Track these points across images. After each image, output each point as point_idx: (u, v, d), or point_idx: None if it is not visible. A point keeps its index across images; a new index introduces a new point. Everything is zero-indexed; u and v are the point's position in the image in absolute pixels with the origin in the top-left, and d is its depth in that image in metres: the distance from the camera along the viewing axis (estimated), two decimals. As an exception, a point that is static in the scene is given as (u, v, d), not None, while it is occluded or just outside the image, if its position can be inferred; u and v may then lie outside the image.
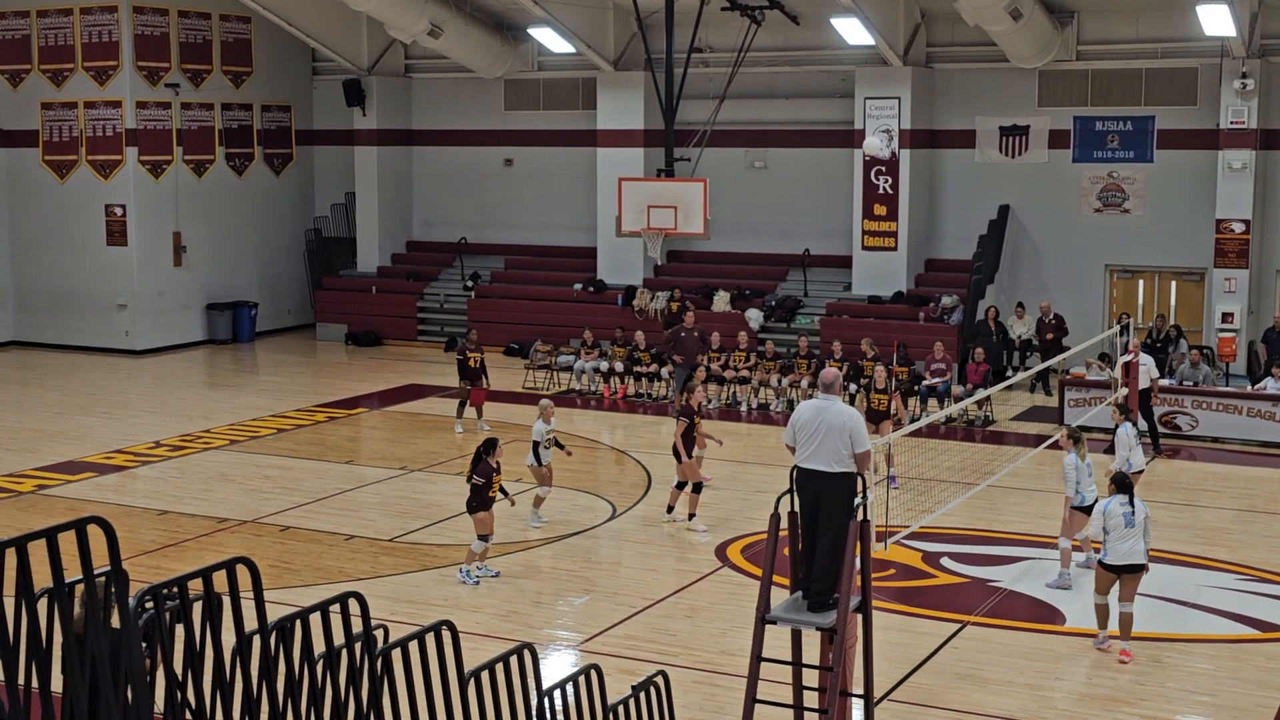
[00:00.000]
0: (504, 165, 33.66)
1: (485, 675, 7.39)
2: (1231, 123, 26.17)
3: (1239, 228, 26.46)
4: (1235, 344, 26.28)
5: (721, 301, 29.62)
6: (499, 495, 15.27)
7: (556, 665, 12.44)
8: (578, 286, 31.40)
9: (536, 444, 17.03)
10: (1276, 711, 11.66)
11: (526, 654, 7.83)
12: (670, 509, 17.43)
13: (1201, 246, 27.00)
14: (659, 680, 9.50)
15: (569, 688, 8.35)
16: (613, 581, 15.54)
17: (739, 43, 26.62)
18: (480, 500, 15.03)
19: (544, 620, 14.05)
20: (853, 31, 27.74)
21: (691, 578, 15.30)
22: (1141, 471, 16.73)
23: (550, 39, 30.83)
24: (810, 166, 30.39)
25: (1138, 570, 12.85)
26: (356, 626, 6.45)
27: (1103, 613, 13.08)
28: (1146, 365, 20.87)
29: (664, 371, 25.79)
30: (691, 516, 17.09)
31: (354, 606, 6.44)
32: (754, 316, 28.83)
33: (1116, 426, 16.71)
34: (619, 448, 21.82)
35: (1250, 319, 26.66)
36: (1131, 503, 12.91)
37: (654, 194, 25.34)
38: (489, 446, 15.19)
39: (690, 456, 17.27)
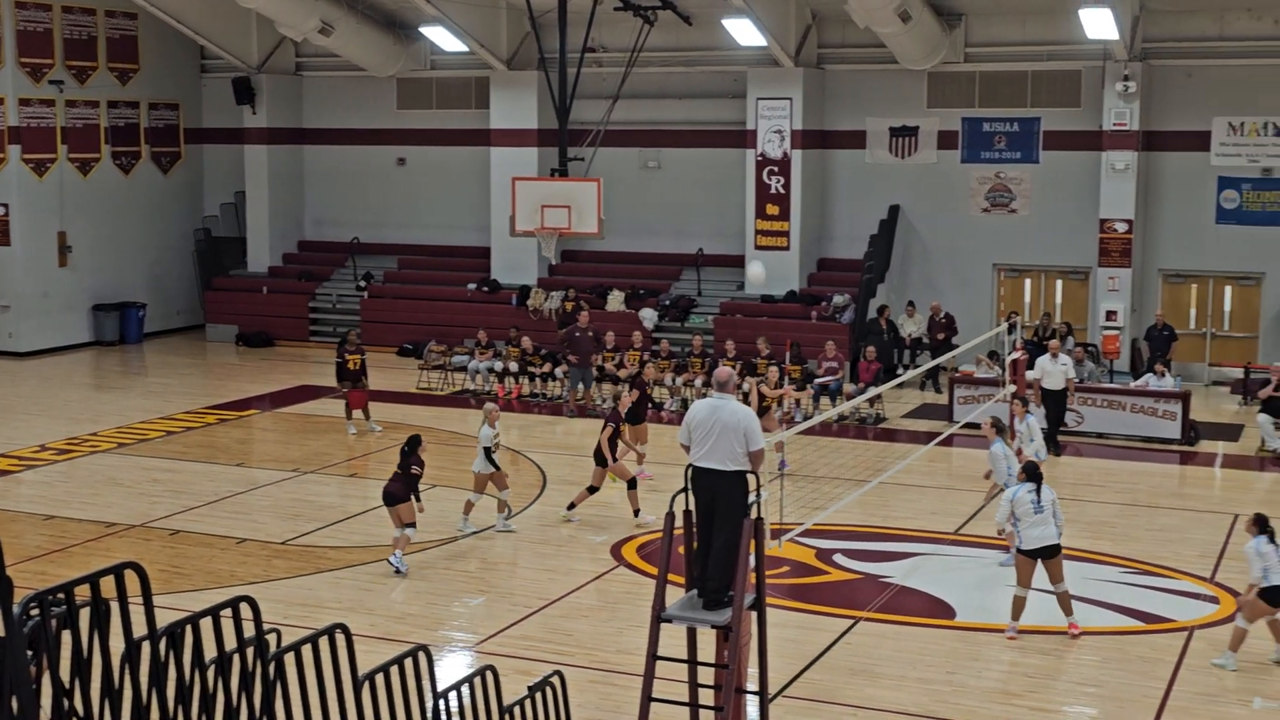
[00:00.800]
0: (397, 164, 33.45)
1: (380, 678, 7.36)
2: (1114, 124, 26.74)
3: (1122, 227, 27.03)
4: (1119, 341, 26.85)
5: (616, 301, 29.67)
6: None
7: (452, 667, 12.39)
8: (471, 286, 31.28)
9: (487, 449, 16.90)
10: (1160, 700, 11.93)
11: (421, 656, 7.80)
12: (572, 505, 17.56)
13: (1086, 246, 27.54)
14: (555, 680, 9.50)
15: (465, 689, 8.33)
16: (508, 582, 15.51)
17: (632, 43, 26.68)
18: (409, 491, 15.49)
19: (439, 621, 13.98)
20: (744, 32, 27.93)
21: (587, 577, 15.32)
22: (1043, 462, 17.20)
23: (443, 38, 30.68)
24: (704, 166, 30.55)
25: (1055, 552, 13.38)
26: (249, 631, 6.38)
27: (1019, 605, 13.38)
28: (1066, 365, 21.17)
29: (558, 371, 25.77)
30: (637, 512, 17.28)
31: (246, 611, 6.37)
32: (648, 316, 28.91)
33: (1013, 419, 17.07)
34: (514, 448, 21.77)
35: (1133, 317, 27.25)
36: (1038, 490, 13.37)
37: (548, 194, 25.29)
38: (415, 443, 15.67)
39: (615, 460, 17.39)
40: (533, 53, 29.57)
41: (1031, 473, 13.70)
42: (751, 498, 10.06)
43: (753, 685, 10.26)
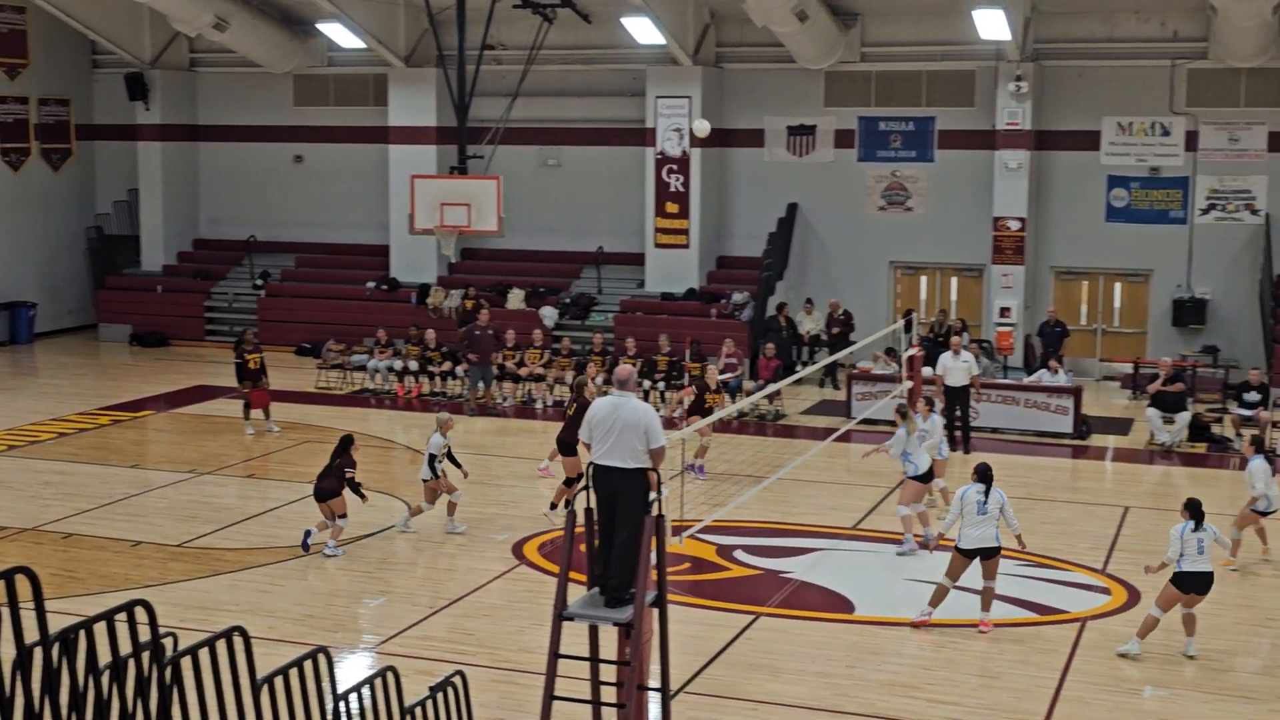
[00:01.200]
0: (294, 162, 33.11)
1: (279, 681, 7.29)
2: (1007, 124, 27.17)
3: (1015, 225, 27.47)
4: (1013, 338, 27.27)
5: (516, 299, 29.61)
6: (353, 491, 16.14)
7: (352, 668, 12.30)
8: (370, 285, 31.06)
9: (433, 457, 16.74)
10: (1054, 690, 12.15)
11: (321, 658, 7.74)
12: (553, 505, 17.68)
13: (980, 243, 27.95)
14: (457, 680, 9.47)
15: (365, 690, 8.28)
16: (409, 582, 15.43)
17: (531, 40, 26.64)
18: (343, 488, 16.15)
19: (339, 623, 13.88)
20: (643, 31, 28.00)
21: (489, 576, 15.28)
22: (944, 460, 17.54)
23: (340, 34, 30.41)
24: (603, 165, 30.59)
25: (992, 554, 13.54)
26: (144, 635, 6.29)
27: (941, 594, 13.54)
28: (969, 362, 21.42)
29: (459, 370, 25.67)
30: (556, 505, 17.50)
31: (141, 615, 6.28)
32: (548, 314, 28.89)
33: (912, 417, 17.34)
34: (414, 447, 21.65)
35: (1026, 313, 27.70)
36: (987, 492, 13.59)
37: (447, 191, 25.18)
38: (347, 443, 16.28)
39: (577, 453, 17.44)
40: (431, 50, 29.42)
41: (983, 474, 13.79)
42: (653, 495, 10.10)
43: (654, 682, 10.31)
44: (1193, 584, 12.77)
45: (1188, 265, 27.30)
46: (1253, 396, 22.14)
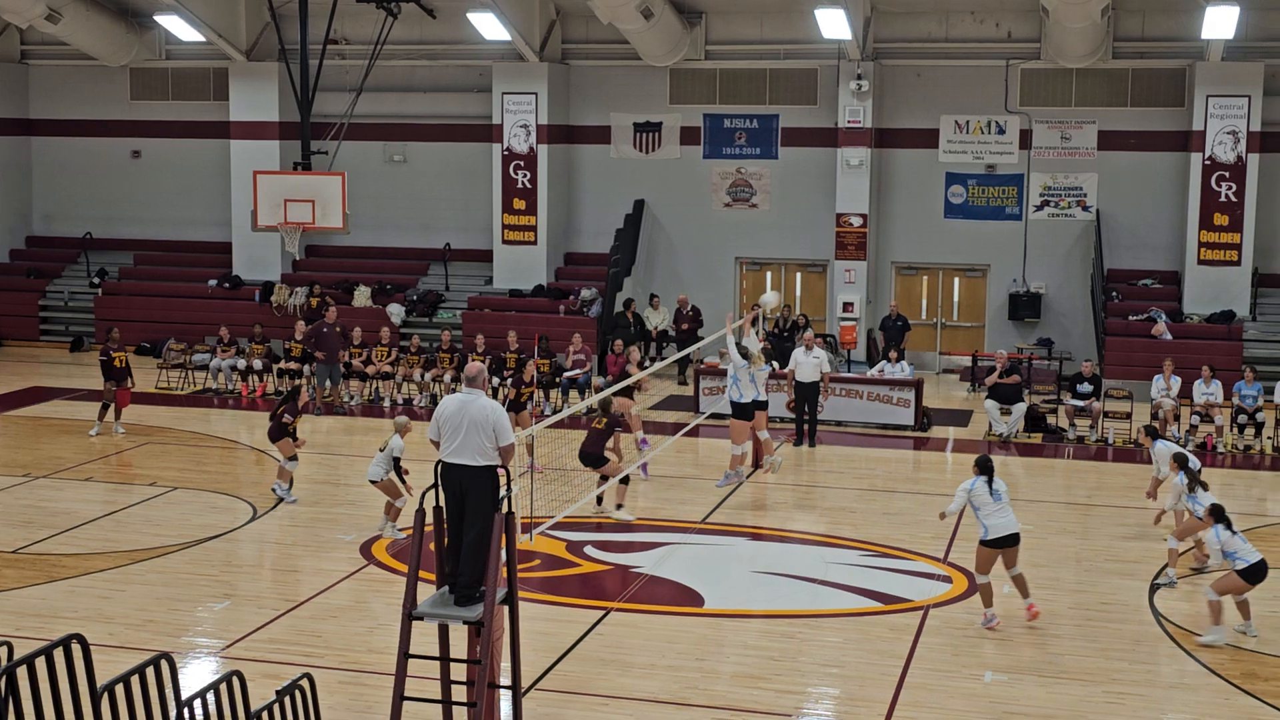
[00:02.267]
0: (132, 157, 32.37)
1: (120, 689, 7.15)
2: (849, 122, 27.64)
3: (857, 221, 27.95)
4: (855, 332, 27.77)
5: (363, 296, 29.32)
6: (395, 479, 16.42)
7: (197, 674, 12.09)
8: (212, 283, 30.51)
9: (397, 460, 16.35)
10: (899, 678, 12.40)
11: (164, 664, 7.61)
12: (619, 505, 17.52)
13: (824, 239, 28.40)
14: (304, 683, 9.37)
15: (210, 696, 8.15)
16: (254, 585, 15.19)
17: (376, 35, 26.38)
18: (279, 432, 17.91)
19: (182, 628, 13.61)
20: (489, 27, 27.90)
21: (336, 577, 15.12)
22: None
23: (178, 27, 29.75)
24: (450, 161, 30.44)
25: (1014, 541, 13.65)
26: (-22, 646, 6.14)
27: (987, 592, 13.65)
28: (819, 359, 21.69)
29: (306, 369, 25.32)
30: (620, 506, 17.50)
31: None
32: (396, 311, 28.65)
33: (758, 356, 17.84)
34: (259, 448, 21.33)
35: (869, 308, 28.22)
36: (990, 480, 13.73)
37: (291, 188, 24.82)
38: (294, 393, 18.48)
39: (620, 457, 17.69)
40: (273, 43, 28.97)
41: (984, 465, 13.86)
42: (502, 492, 10.10)
43: (505, 680, 10.31)
44: (1254, 575, 13.28)
45: (1023, 260, 28.05)
46: (1085, 388, 22.82)
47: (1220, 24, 24.58)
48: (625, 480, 17.53)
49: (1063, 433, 22.78)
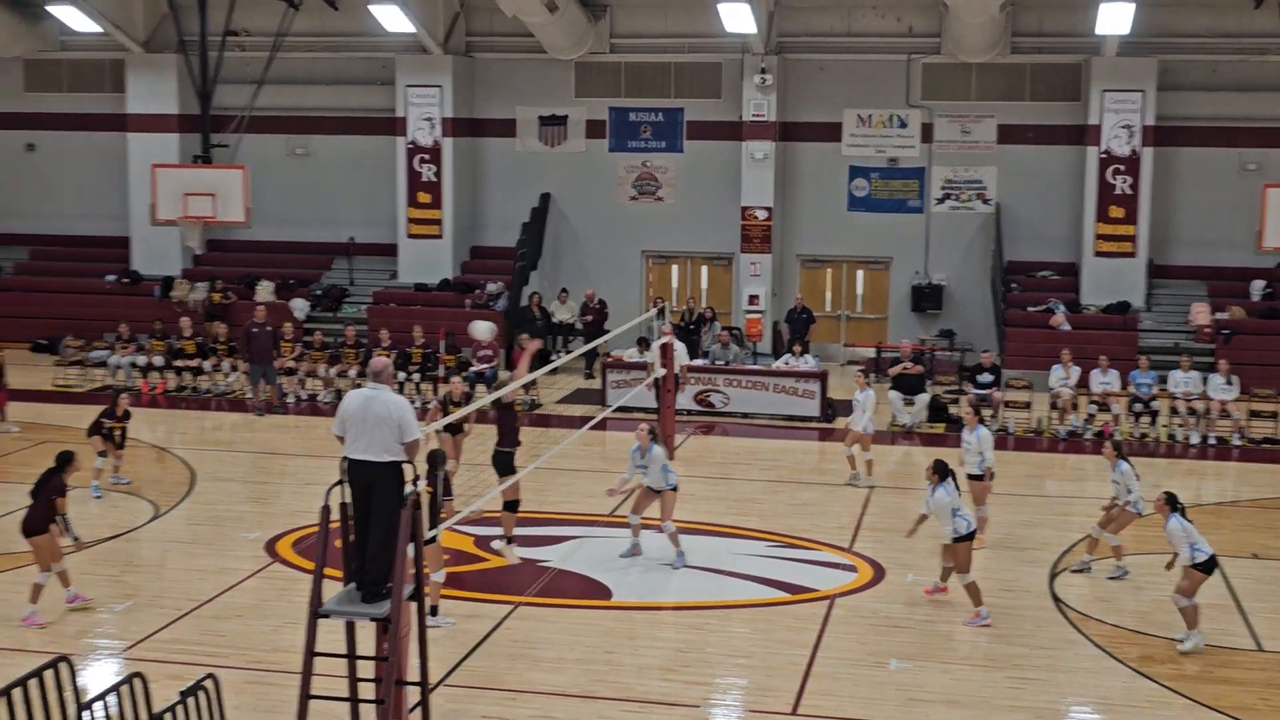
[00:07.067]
0: (26, 150, 31.77)
1: (17, 693, 7.03)
2: (753, 115, 27.80)
3: (762, 215, 28.11)
4: (761, 324, 27.94)
5: (265, 291, 28.98)
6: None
7: (97, 676, 11.90)
8: (110, 278, 30.02)
9: None
10: (805, 667, 12.50)
11: (63, 667, 7.49)
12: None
13: (729, 233, 28.53)
14: (208, 684, 9.27)
15: (111, 699, 8.04)
16: (156, 585, 14.97)
17: (277, 26, 26.10)
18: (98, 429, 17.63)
19: (82, 630, 13.39)
20: (392, 19, 27.68)
21: (241, 576, 14.95)
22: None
23: (73, 17, 29.20)
24: (353, 154, 30.20)
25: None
26: None
27: (975, 590, 13.70)
28: (679, 351, 21.79)
29: (207, 365, 24.97)
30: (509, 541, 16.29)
31: None
32: (299, 306, 28.36)
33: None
34: (160, 445, 21.03)
35: (774, 301, 28.40)
36: (955, 480, 13.88)
37: (191, 181, 24.53)
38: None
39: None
40: (171, 35, 28.56)
41: (942, 470, 13.93)
42: (408, 488, 10.05)
43: (413, 676, 10.26)
44: (1209, 568, 13.15)
45: (925, 253, 28.37)
46: (986, 378, 23.13)
47: (1115, 20, 25.05)
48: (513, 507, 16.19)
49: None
